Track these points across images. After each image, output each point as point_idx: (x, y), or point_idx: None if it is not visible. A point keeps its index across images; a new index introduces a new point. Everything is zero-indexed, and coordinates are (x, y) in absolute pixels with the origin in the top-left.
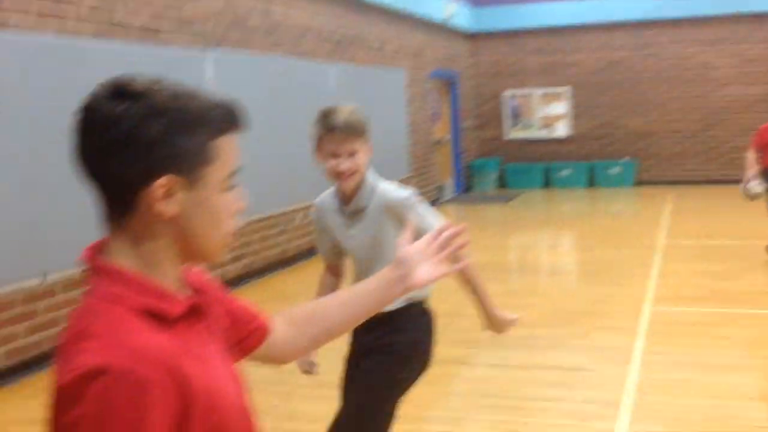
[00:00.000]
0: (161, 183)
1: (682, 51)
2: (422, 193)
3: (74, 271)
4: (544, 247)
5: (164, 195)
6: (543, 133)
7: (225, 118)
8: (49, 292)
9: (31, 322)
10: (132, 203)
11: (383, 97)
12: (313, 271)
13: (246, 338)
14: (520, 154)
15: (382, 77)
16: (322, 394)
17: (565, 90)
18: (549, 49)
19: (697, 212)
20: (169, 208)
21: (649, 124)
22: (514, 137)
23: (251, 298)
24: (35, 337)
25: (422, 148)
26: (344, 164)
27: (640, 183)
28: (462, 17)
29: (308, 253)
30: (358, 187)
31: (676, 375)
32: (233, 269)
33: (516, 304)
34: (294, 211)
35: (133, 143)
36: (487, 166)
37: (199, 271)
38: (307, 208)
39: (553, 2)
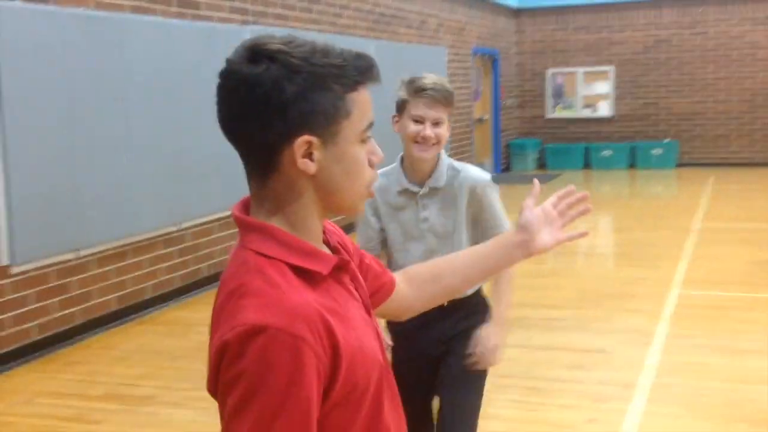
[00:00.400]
0: (301, 142)
1: (729, 30)
2: None
3: (107, 246)
4: (579, 229)
5: (305, 153)
6: (585, 113)
7: (359, 71)
8: (81, 267)
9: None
10: (275, 163)
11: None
12: None
13: (375, 293)
14: (562, 133)
15: (423, 54)
16: None
17: (609, 69)
18: (594, 27)
19: (737, 195)
20: (309, 166)
21: (694, 104)
22: (555, 116)
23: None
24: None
25: (462, 126)
26: (429, 130)
27: (681, 164)
28: None
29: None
30: (435, 164)
31: (696, 358)
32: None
33: (545, 285)
34: None
35: (272, 104)
36: (527, 146)
37: (337, 228)
38: None
39: None
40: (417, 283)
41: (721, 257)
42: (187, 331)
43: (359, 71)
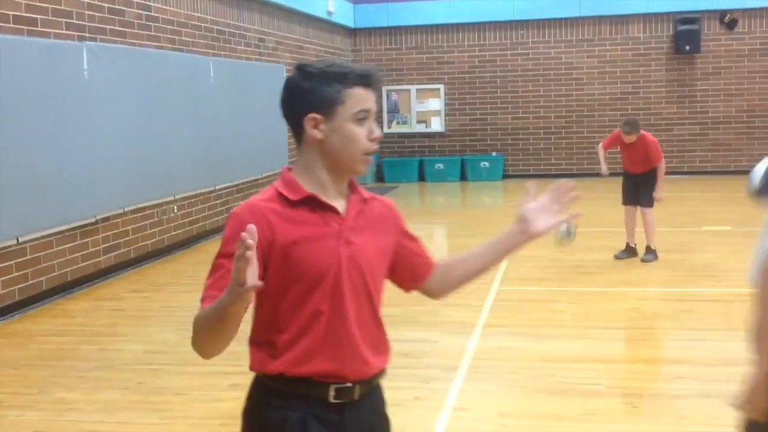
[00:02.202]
0: (310, 118)
1: (547, 51)
2: None
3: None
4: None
5: (314, 125)
6: (419, 128)
7: (356, 77)
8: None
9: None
10: (300, 132)
11: (263, 91)
12: (187, 261)
13: (419, 267)
14: (398, 148)
15: (262, 71)
16: (187, 371)
17: (439, 87)
18: (425, 47)
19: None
20: (316, 133)
21: (517, 120)
22: (392, 131)
23: (124, 287)
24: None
25: None
26: None
27: (507, 176)
28: (343, 13)
29: (182, 244)
30: None
31: (508, 343)
32: (105, 260)
33: None
34: (169, 202)
35: (295, 94)
36: None
37: (390, 206)
38: (183, 200)
39: (430, 1)
40: (446, 270)
41: (537, 258)
42: (29, 342)
43: (357, 77)
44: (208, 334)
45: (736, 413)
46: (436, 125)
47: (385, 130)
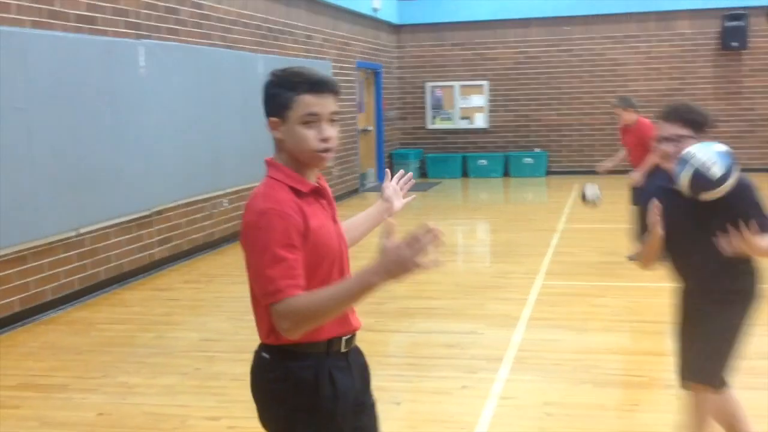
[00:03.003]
0: (271, 120)
1: (593, 48)
2: (345, 181)
3: (7, 251)
4: (458, 231)
5: (273, 127)
6: (463, 124)
7: (305, 85)
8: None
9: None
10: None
11: None
12: (236, 254)
13: None
14: (441, 144)
15: (305, 66)
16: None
17: (483, 83)
18: (469, 43)
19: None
20: (277, 134)
21: (561, 117)
22: (435, 127)
23: (177, 278)
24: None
25: (347, 137)
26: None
27: (551, 173)
28: (388, 10)
29: (232, 237)
30: None
31: (552, 336)
32: (159, 251)
33: (425, 280)
34: (220, 196)
35: (264, 99)
36: (409, 155)
37: (326, 185)
38: (234, 193)
39: None
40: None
41: (579, 253)
42: (89, 329)
43: (306, 85)
44: (335, 312)
45: None
46: (480, 121)
47: (428, 126)
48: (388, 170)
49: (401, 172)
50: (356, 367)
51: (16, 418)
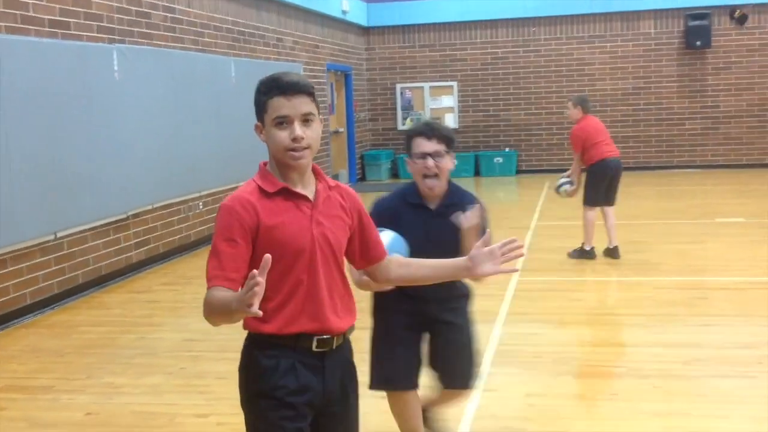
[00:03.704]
0: (255, 124)
1: (558, 48)
2: None
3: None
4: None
5: (258, 131)
6: None
7: (275, 88)
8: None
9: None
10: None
11: None
12: None
13: (372, 251)
14: None
15: (281, 70)
16: (226, 357)
17: (452, 84)
18: (437, 45)
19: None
20: (261, 138)
21: (529, 117)
22: (406, 128)
23: (155, 280)
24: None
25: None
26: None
27: (521, 171)
28: (357, 12)
29: (208, 239)
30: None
31: (533, 330)
32: (136, 254)
33: None
34: (195, 198)
35: (254, 104)
36: (380, 157)
37: (349, 192)
38: (208, 196)
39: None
40: (393, 263)
41: (553, 249)
42: (70, 332)
43: (276, 88)
44: (218, 319)
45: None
46: (450, 122)
47: (399, 127)
48: (489, 232)
49: (511, 240)
50: (332, 372)
51: (5, 419)
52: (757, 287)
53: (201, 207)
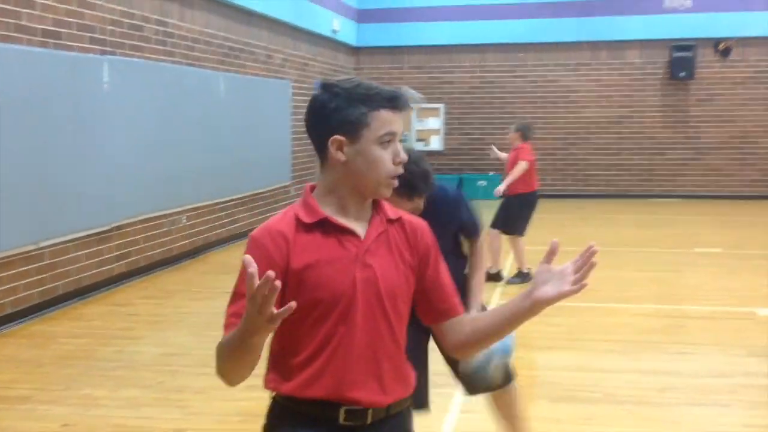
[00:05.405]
0: (334, 139)
1: (546, 74)
2: None
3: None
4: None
5: (337, 147)
6: (419, 146)
7: (384, 99)
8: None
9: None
10: (324, 154)
11: (270, 106)
12: (194, 270)
13: (440, 302)
14: None
15: (269, 87)
16: (205, 372)
17: (439, 106)
18: (426, 67)
19: (552, 222)
20: (340, 155)
21: None
22: None
23: (136, 293)
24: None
25: (305, 155)
26: None
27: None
28: (347, 32)
29: (191, 253)
30: None
31: None
32: (117, 267)
33: None
34: (178, 212)
35: (320, 115)
36: None
37: (424, 230)
38: (192, 210)
39: (432, 22)
40: (470, 323)
41: (531, 273)
42: (49, 343)
43: (384, 99)
44: (233, 362)
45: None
46: (436, 144)
47: None
48: (554, 242)
49: (588, 246)
50: None
51: None
52: (733, 317)
53: (184, 221)
